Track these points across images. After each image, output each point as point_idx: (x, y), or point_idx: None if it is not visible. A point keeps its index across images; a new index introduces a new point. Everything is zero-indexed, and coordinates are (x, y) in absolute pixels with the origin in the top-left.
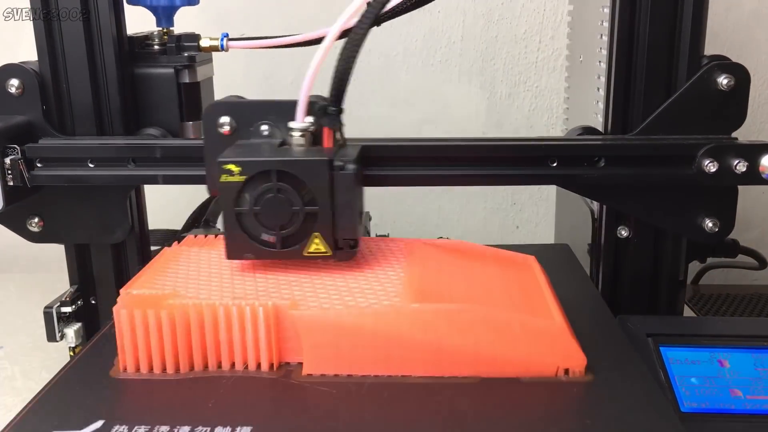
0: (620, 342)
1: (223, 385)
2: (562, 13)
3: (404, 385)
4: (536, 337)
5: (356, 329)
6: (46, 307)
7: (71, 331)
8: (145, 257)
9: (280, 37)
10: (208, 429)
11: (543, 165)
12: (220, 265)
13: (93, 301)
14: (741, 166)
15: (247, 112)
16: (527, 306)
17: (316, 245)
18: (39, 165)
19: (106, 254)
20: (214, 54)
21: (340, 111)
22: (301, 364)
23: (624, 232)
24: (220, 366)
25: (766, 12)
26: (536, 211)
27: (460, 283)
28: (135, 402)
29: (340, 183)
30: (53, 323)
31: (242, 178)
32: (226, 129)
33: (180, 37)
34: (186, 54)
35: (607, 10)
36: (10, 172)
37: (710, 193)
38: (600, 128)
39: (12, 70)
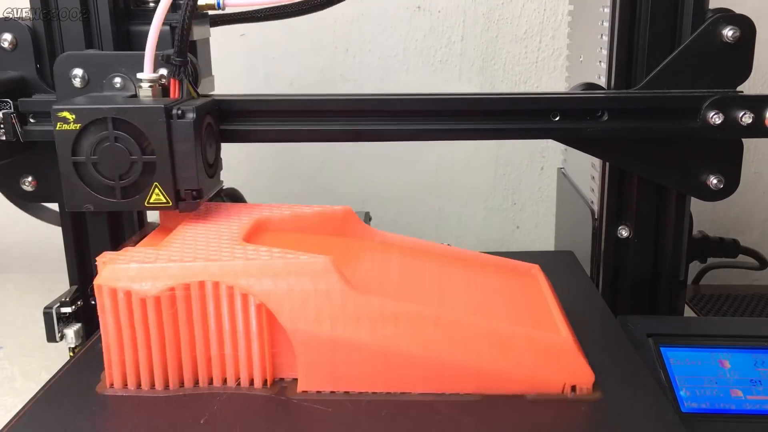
0: (622, 344)
1: (215, 402)
2: (562, 13)
3: (403, 402)
4: (542, 353)
5: (353, 344)
6: (45, 308)
7: (71, 332)
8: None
9: None
10: None
11: (545, 119)
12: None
13: (93, 302)
14: (746, 118)
15: (99, 63)
16: (532, 319)
17: (157, 195)
18: (32, 120)
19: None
20: (213, 57)
21: (184, 62)
22: (295, 380)
23: (624, 232)
24: (211, 382)
25: (767, 11)
26: (536, 211)
27: (462, 295)
28: (122, 422)
29: (178, 131)
30: (53, 324)
31: (77, 126)
32: (79, 81)
33: None
34: None
35: (607, 10)
36: (2, 126)
37: (715, 148)
38: (603, 85)
39: (4, 24)
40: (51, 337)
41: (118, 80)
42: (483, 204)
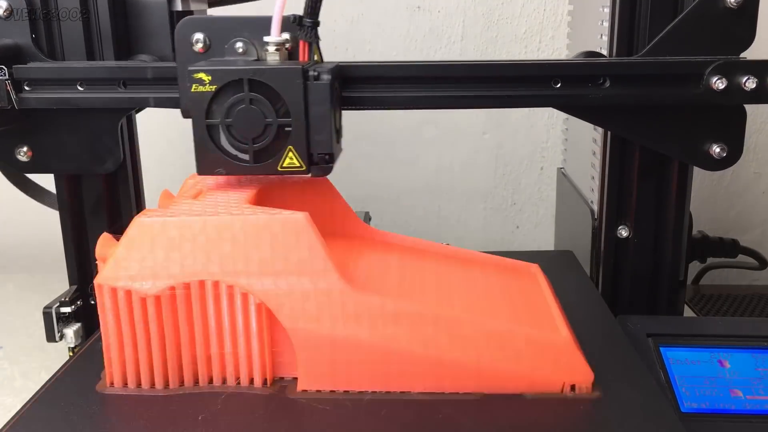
0: (622, 344)
1: (214, 401)
2: (562, 13)
3: (403, 401)
4: (541, 352)
5: (352, 343)
6: (45, 308)
7: (70, 332)
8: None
9: None
10: None
11: (546, 85)
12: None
13: (92, 302)
14: (750, 83)
15: (221, 28)
16: (531, 318)
17: (291, 159)
18: (27, 88)
19: None
20: None
21: (315, 24)
22: (295, 379)
23: (624, 232)
24: (211, 381)
25: (767, 11)
26: (536, 211)
27: (461, 294)
28: (121, 421)
29: (314, 93)
30: (52, 323)
31: (213, 87)
32: (200, 46)
33: None
34: None
35: (607, 10)
36: None
37: (717, 116)
38: (606, 54)
39: None
40: (51, 337)
41: (240, 45)
42: (483, 204)
